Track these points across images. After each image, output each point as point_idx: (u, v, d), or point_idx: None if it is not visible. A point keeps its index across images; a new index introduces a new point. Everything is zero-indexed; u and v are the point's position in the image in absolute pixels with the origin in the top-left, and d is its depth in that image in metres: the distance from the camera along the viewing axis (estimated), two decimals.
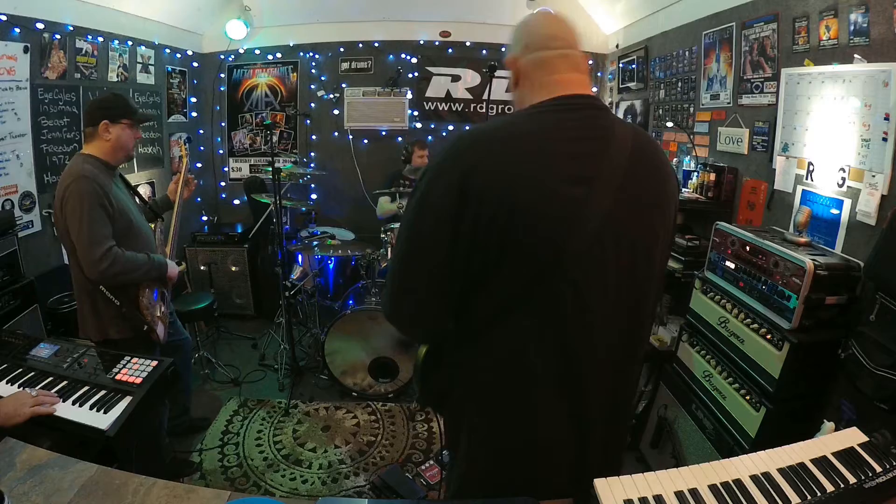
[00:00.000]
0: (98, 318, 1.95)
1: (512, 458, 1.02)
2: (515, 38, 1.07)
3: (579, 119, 0.96)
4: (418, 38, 4.44)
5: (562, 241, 0.89)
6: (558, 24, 1.06)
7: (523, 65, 1.04)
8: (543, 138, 0.92)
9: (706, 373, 2.02)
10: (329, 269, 3.73)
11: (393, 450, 2.66)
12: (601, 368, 0.98)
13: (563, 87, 1.00)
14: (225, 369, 3.30)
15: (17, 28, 2.60)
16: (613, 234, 0.92)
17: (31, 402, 1.37)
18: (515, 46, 1.06)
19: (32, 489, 0.97)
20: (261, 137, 4.62)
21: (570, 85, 1.00)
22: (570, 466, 1.01)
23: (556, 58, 1.02)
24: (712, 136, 2.83)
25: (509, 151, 0.90)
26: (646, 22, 3.65)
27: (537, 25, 1.06)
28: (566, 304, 0.93)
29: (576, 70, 1.03)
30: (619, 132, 0.96)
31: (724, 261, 2.03)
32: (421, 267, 0.96)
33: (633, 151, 0.95)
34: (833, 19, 1.92)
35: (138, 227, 2.03)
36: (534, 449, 1.01)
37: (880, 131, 1.72)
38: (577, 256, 0.90)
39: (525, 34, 1.06)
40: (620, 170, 0.93)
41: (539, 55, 1.02)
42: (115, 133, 1.93)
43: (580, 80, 1.02)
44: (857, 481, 0.94)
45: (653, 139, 1.08)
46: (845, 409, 1.60)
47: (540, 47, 1.03)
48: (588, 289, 0.93)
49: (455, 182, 0.89)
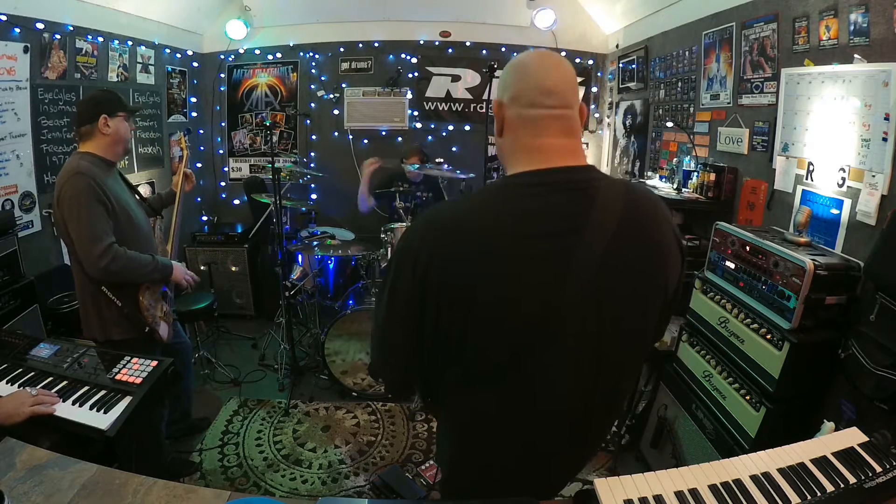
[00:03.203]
0: (101, 318, 1.95)
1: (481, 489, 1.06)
2: (505, 82, 0.94)
3: (553, 205, 0.87)
4: (418, 38, 4.44)
5: (520, 338, 0.87)
6: (557, 73, 0.92)
7: (509, 117, 0.93)
8: (499, 232, 0.85)
9: (706, 373, 2.02)
10: (329, 269, 3.73)
11: (393, 450, 2.66)
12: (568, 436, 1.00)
13: (547, 156, 0.90)
14: (225, 369, 3.30)
15: (17, 28, 2.60)
16: (582, 325, 0.88)
17: (31, 402, 1.37)
18: (504, 92, 0.94)
19: (32, 489, 0.97)
20: (261, 137, 4.62)
21: (556, 154, 0.91)
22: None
23: (544, 119, 0.91)
24: (712, 136, 2.83)
25: (462, 247, 0.86)
26: (646, 22, 3.66)
27: (532, 75, 0.92)
28: (527, 392, 0.92)
29: (566, 134, 0.92)
30: (601, 213, 0.87)
31: (724, 261, 2.03)
32: (394, 338, 0.98)
33: (617, 235, 0.87)
34: (833, 19, 1.92)
35: (138, 224, 2.02)
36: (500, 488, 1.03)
37: (880, 131, 1.72)
38: (537, 350, 0.88)
39: (516, 81, 0.93)
40: (594, 259, 0.85)
41: (526, 112, 0.91)
42: (114, 126, 1.94)
43: (570, 147, 0.92)
44: (857, 481, 0.94)
45: (654, 208, 0.97)
46: (845, 409, 1.60)
47: (529, 103, 0.91)
48: (549, 378, 0.91)
49: (417, 273, 0.87)
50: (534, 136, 0.91)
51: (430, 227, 0.92)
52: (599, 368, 0.93)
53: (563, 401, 0.94)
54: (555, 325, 0.87)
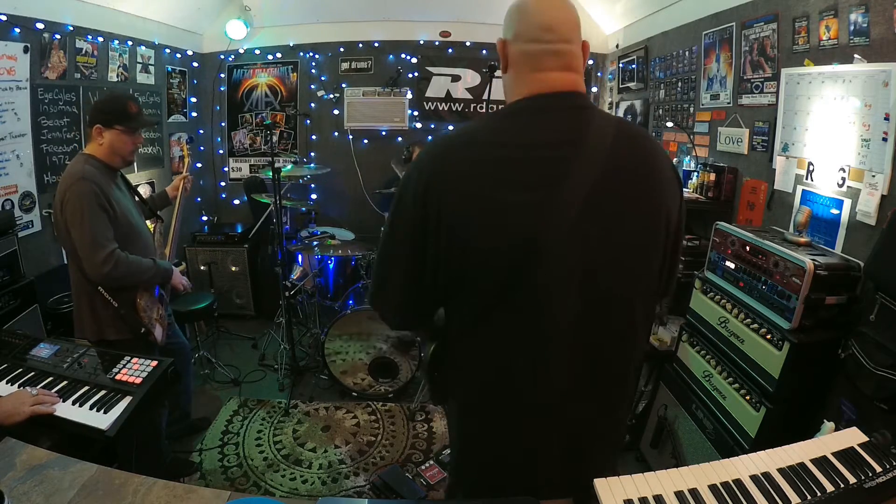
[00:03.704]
0: (95, 318, 1.95)
1: (497, 463, 1.06)
2: (508, 21, 0.99)
3: (549, 122, 0.93)
4: (418, 38, 4.44)
5: (517, 253, 0.88)
6: (557, 11, 0.96)
7: (511, 53, 0.98)
8: (496, 142, 0.91)
9: (706, 373, 2.02)
10: (329, 269, 3.72)
11: (393, 450, 2.66)
12: (579, 384, 0.97)
13: (544, 85, 0.95)
14: (225, 369, 3.29)
15: (17, 28, 2.59)
16: (580, 242, 0.89)
17: (31, 402, 1.37)
18: (507, 30, 0.99)
19: (32, 489, 0.97)
20: (261, 137, 4.62)
21: (554, 83, 0.95)
22: (555, 472, 1.03)
23: (544, 54, 0.94)
24: (712, 136, 2.83)
25: (464, 163, 0.91)
26: (646, 22, 3.65)
27: (532, 12, 0.96)
28: (528, 317, 0.92)
29: (566, 69, 0.95)
30: (595, 134, 0.92)
31: (724, 261, 2.03)
32: (395, 262, 1.00)
33: (612, 154, 0.91)
34: (833, 19, 1.92)
35: (138, 230, 2.02)
36: (518, 456, 1.03)
37: (880, 131, 1.72)
38: (534, 267, 0.89)
39: (517, 19, 0.97)
40: (589, 176, 0.89)
41: (527, 48, 0.95)
42: (107, 138, 1.92)
43: (568, 79, 0.96)
44: (857, 481, 0.94)
45: (646, 138, 1.04)
46: (845, 409, 1.60)
47: (530, 39, 0.95)
48: (549, 300, 0.91)
49: (420, 192, 0.92)
50: (533, 69, 0.96)
51: (426, 154, 0.98)
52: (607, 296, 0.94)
53: (570, 329, 0.93)
54: (554, 232, 0.88)
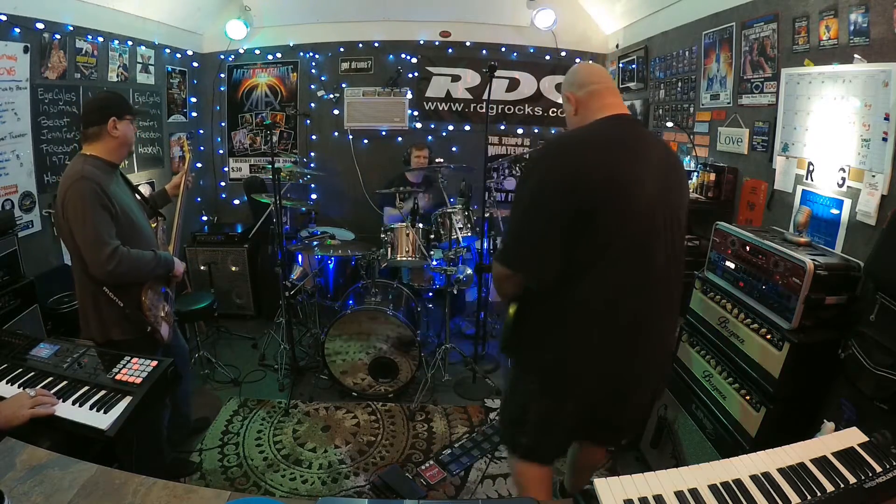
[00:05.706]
0: (101, 319, 1.94)
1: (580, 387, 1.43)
2: (570, 81, 1.53)
3: (624, 129, 1.44)
4: (418, 38, 4.44)
5: (627, 213, 1.31)
6: (597, 68, 1.61)
7: (580, 97, 1.49)
8: (604, 142, 1.38)
9: (706, 373, 2.02)
10: (329, 269, 3.73)
11: (393, 450, 2.66)
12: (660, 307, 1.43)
13: (611, 108, 1.45)
14: (225, 369, 3.29)
15: (17, 28, 2.60)
16: (661, 207, 1.36)
17: (30, 404, 1.36)
18: (571, 86, 1.52)
19: (32, 489, 0.97)
20: (261, 137, 4.62)
21: (615, 107, 1.46)
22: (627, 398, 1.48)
23: (605, 89, 1.48)
24: (712, 136, 2.83)
25: (580, 153, 1.36)
26: (646, 22, 3.66)
27: (584, 72, 1.54)
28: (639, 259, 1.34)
29: (615, 96, 1.50)
30: (651, 138, 1.52)
31: (724, 261, 2.03)
32: (534, 228, 1.36)
33: (662, 150, 1.45)
34: (833, 19, 1.92)
35: (140, 226, 2.02)
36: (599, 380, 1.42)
37: (880, 131, 1.72)
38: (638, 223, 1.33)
39: (578, 77, 1.52)
40: (656, 162, 1.39)
41: (590, 88, 1.49)
42: (122, 129, 1.94)
43: (620, 104, 1.48)
44: (857, 481, 0.94)
45: (666, 142, 1.58)
46: (845, 409, 1.60)
47: (591, 83, 1.49)
48: (647, 246, 1.34)
49: (547, 177, 1.34)
50: (599, 100, 1.47)
51: (550, 147, 1.54)
52: (679, 246, 1.44)
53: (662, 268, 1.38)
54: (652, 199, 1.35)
